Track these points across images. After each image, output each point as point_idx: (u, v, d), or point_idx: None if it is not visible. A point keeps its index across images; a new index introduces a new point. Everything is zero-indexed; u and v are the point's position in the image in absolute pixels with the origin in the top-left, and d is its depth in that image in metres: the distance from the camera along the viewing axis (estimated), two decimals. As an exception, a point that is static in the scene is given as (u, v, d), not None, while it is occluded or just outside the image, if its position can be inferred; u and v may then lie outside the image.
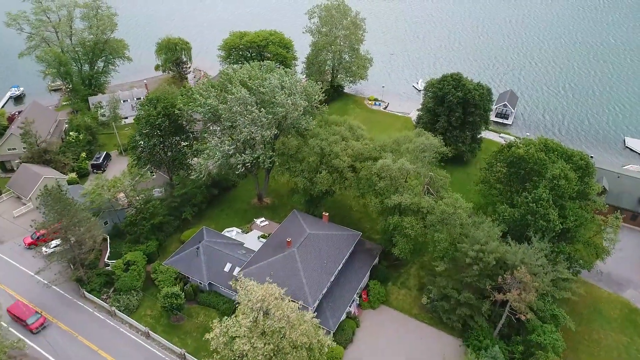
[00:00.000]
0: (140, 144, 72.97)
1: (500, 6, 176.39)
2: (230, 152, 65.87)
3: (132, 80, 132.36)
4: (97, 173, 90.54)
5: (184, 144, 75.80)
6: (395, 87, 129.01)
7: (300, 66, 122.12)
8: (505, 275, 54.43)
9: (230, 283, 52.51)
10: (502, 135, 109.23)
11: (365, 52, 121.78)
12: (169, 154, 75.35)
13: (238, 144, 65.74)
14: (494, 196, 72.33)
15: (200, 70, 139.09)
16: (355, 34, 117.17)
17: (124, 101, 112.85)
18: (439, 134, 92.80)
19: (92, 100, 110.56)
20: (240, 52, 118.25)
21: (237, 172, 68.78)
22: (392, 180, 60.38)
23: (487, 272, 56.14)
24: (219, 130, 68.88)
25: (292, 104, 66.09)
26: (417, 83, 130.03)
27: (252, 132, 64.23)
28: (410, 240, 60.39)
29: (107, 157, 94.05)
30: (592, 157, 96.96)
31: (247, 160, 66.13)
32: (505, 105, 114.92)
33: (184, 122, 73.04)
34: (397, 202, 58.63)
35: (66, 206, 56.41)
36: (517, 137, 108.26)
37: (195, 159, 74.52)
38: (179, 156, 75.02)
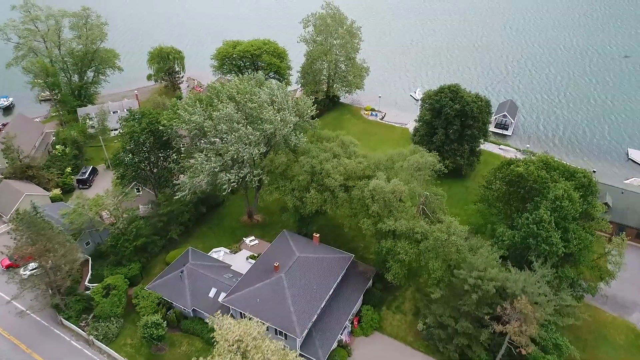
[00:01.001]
0: (125, 160, 69.99)
1: (497, 13, 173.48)
2: (217, 170, 62.86)
3: (124, 90, 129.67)
4: (82, 189, 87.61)
5: (170, 160, 72.78)
6: (392, 97, 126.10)
7: (295, 76, 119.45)
8: (504, 305, 51.24)
9: (207, 321, 49.36)
10: (501, 147, 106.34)
11: (362, 61, 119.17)
12: (155, 170, 72.39)
13: (224, 161, 62.69)
14: (493, 215, 69.29)
15: (194, 79, 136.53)
16: (351, 43, 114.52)
17: (113, 112, 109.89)
18: (436, 147, 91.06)
19: (81, 111, 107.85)
20: (234, 62, 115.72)
21: (223, 193, 65.62)
22: (386, 203, 57.28)
23: (486, 301, 52.97)
24: (204, 147, 65.83)
25: (281, 120, 63.12)
26: (415, 92, 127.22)
27: (239, 150, 61.23)
28: (404, 266, 57.25)
29: (94, 171, 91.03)
30: (594, 171, 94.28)
31: (233, 179, 63.09)
32: (504, 116, 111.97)
33: (170, 138, 70.05)
34: (391, 228, 55.58)
35: (40, 230, 53.37)
36: (517, 149, 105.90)
37: (182, 175, 71.58)
38: (165, 173, 72.05)
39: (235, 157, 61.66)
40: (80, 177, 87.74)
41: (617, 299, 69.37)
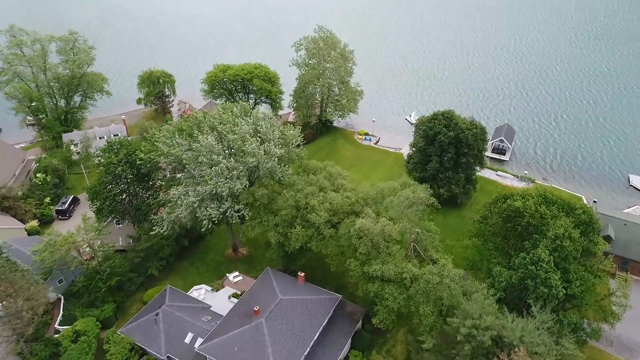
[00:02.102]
0: (102, 193, 66.58)
1: (489, 34, 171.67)
2: (195, 205, 59.39)
3: (114, 114, 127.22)
4: (62, 219, 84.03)
5: (149, 193, 69.40)
6: (386, 120, 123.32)
7: (287, 99, 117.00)
8: (501, 357, 47.15)
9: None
10: (499, 173, 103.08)
11: (356, 85, 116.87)
12: (134, 202, 68.92)
13: (204, 196, 59.27)
14: (489, 251, 65.49)
15: (185, 103, 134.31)
16: (344, 67, 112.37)
17: (99, 138, 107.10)
18: (430, 175, 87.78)
19: (67, 137, 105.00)
20: (224, 86, 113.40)
21: (202, 229, 62.02)
22: (373, 244, 53.62)
23: (482, 351, 48.88)
24: (183, 180, 62.49)
25: (264, 153, 59.87)
26: (410, 116, 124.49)
27: (219, 185, 57.84)
28: (392, 311, 53.29)
29: (75, 201, 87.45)
30: (595, 201, 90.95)
31: (213, 215, 59.54)
32: (501, 141, 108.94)
33: (149, 170, 66.72)
34: (379, 272, 51.84)
35: (0, 275, 49.66)
36: (514, 175, 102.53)
37: (162, 208, 68.03)
38: (143, 207, 68.53)
39: (214, 192, 58.20)
40: (60, 208, 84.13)
41: (622, 339, 65.14)
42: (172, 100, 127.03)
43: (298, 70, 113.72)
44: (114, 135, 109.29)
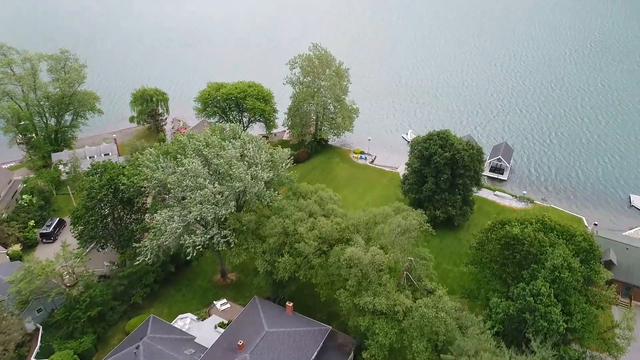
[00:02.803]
0: (84, 217, 64.23)
1: (485, 50, 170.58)
2: (180, 231, 56.98)
3: (106, 132, 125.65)
4: (46, 243, 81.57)
5: (133, 218, 67.05)
6: (382, 138, 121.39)
7: (282, 118, 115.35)
8: (499, 397, 44.38)
9: None
10: (497, 193, 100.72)
11: (351, 102, 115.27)
12: (117, 228, 66.50)
13: (188, 222, 56.89)
14: (487, 278, 62.81)
15: (179, 120, 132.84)
16: (340, 85, 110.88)
17: (90, 157, 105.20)
18: (426, 197, 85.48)
19: (56, 157, 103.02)
20: (217, 105, 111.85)
21: (187, 257, 59.55)
22: (363, 274, 51.08)
23: (478, 391, 46.05)
24: (168, 205, 60.17)
25: (251, 177, 57.66)
26: (407, 134, 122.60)
27: (203, 211, 55.51)
28: (384, 347, 50.48)
29: (60, 224, 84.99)
30: (595, 224, 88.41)
31: (198, 243, 57.09)
32: (499, 160, 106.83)
33: (133, 195, 64.42)
34: (370, 305, 49.23)
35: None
36: (513, 195, 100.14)
37: (147, 233, 65.54)
38: (126, 233, 66.09)
39: (199, 218, 55.87)
40: (44, 231, 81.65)
41: (627, 372, 61.97)
42: (166, 119, 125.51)
43: (292, 89, 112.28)
44: (105, 155, 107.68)
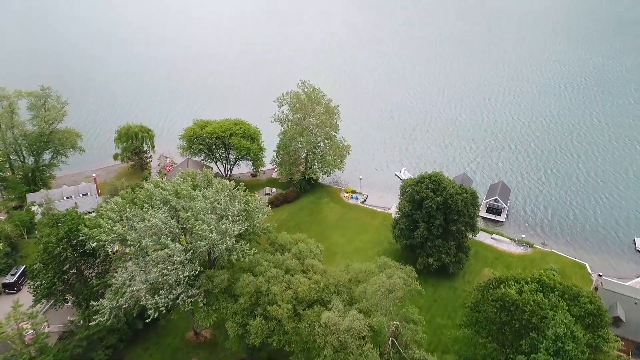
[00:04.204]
0: (40, 274, 58.84)
1: (477, 85, 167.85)
2: (142, 293, 51.45)
3: (90, 169, 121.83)
4: (9, 294, 75.67)
5: (96, 271, 61.58)
6: (374, 177, 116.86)
7: (270, 156, 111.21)
8: None
9: None
10: (494, 236, 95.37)
11: (342, 140, 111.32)
12: (76, 284, 60.91)
13: (149, 283, 51.44)
14: (483, 341, 56.71)
15: (166, 157, 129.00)
16: (330, 122, 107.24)
17: (67, 198, 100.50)
18: (418, 243, 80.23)
19: (32, 197, 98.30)
20: (203, 142, 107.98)
21: (147, 319, 53.81)
22: (342, 343, 45.32)
23: None
24: (130, 261, 54.88)
25: (219, 232, 52.50)
26: (400, 172, 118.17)
27: (165, 273, 50.15)
28: None
29: (26, 272, 79.23)
30: (600, 275, 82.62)
31: (161, 305, 51.44)
32: (496, 200, 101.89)
33: (95, 248, 59.03)
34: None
35: None
36: (511, 239, 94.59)
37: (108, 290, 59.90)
38: (84, 291, 60.43)
39: (159, 280, 50.46)
40: (7, 281, 75.91)
41: None
42: (151, 156, 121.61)
43: (280, 127, 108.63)
44: (83, 195, 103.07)
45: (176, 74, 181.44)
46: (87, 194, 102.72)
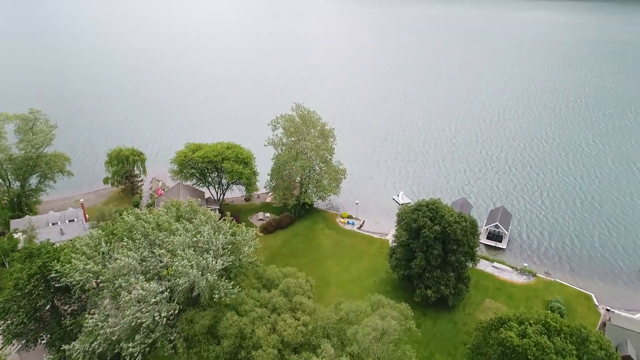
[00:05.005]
0: (11, 312, 54.98)
1: (473, 107, 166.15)
2: (114, 338, 47.65)
3: (79, 193, 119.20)
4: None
5: (71, 309, 57.69)
6: (371, 201, 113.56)
7: (263, 180, 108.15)
8: None
9: None
10: (495, 264, 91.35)
11: (338, 163, 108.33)
12: (50, 323, 57.00)
13: (122, 326, 47.66)
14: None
15: (158, 180, 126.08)
16: (325, 145, 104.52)
17: (52, 224, 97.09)
18: (415, 274, 76.43)
19: (15, 224, 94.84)
20: (195, 166, 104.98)
21: (121, 366, 49.91)
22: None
23: None
24: (107, 300, 51.23)
25: (200, 269, 48.98)
26: (398, 196, 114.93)
27: (138, 316, 46.42)
28: None
29: None
30: (608, 309, 78.52)
31: (136, 352, 47.53)
32: (497, 226, 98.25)
33: (69, 285, 55.37)
34: None
35: None
36: (513, 267, 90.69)
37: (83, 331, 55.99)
38: (58, 331, 56.50)
39: (133, 323, 46.70)
40: (-16, 316, 71.77)
41: None
42: (142, 180, 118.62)
43: (274, 150, 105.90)
44: (70, 221, 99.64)
45: (169, 96, 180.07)
46: (73, 220, 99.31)
